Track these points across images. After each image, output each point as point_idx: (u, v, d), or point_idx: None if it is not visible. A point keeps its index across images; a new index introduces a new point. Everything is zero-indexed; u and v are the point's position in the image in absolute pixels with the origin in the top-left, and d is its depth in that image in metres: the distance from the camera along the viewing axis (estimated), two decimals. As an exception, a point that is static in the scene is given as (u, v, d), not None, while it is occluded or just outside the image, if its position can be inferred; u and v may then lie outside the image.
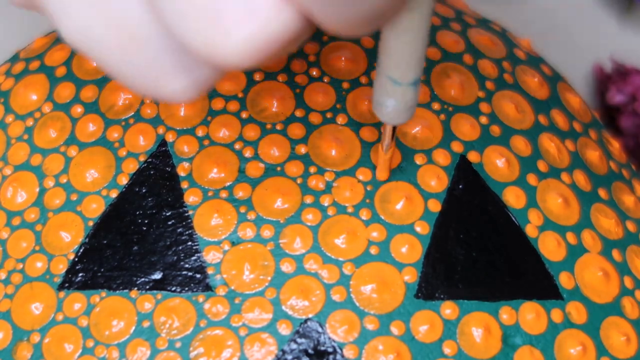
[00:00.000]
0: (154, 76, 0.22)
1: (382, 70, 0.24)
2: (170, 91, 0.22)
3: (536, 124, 0.32)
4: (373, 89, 0.25)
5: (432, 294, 0.28)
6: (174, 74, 0.22)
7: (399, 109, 0.25)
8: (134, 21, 0.21)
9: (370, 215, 0.29)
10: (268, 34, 0.20)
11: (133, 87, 0.22)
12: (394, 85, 0.24)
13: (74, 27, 0.22)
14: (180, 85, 0.22)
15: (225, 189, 0.29)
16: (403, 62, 0.24)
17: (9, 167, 0.31)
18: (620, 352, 0.29)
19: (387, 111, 0.25)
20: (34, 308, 0.29)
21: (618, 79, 0.46)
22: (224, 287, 0.28)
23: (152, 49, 0.22)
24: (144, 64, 0.22)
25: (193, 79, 0.22)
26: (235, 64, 0.21)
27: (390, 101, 0.25)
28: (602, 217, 0.31)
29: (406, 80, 0.24)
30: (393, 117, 0.26)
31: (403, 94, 0.25)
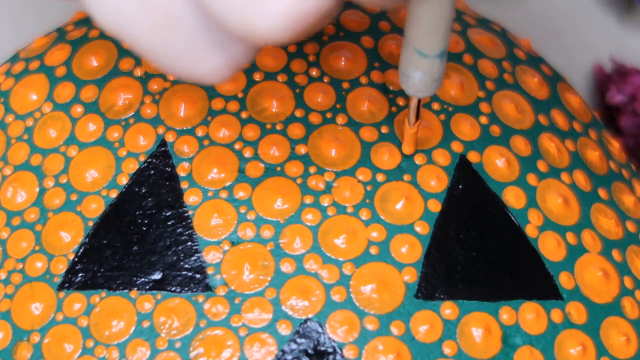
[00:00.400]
0: (189, 56, 0.22)
1: (408, 41, 0.24)
2: (205, 70, 0.22)
3: (536, 124, 0.32)
4: (399, 60, 0.25)
5: (432, 294, 0.28)
6: (209, 52, 0.22)
7: (426, 81, 0.25)
8: (167, 2, 0.21)
9: (370, 215, 0.29)
10: (304, 8, 0.20)
11: (168, 68, 0.22)
12: (420, 57, 0.25)
13: (106, 10, 0.22)
14: (216, 64, 0.22)
15: (225, 189, 0.29)
16: (429, 33, 0.24)
17: (9, 167, 0.31)
18: (620, 352, 0.29)
19: (413, 83, 0.25)
20: (34, 308, 0.29)
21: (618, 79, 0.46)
22: (224, 287, 0.28)
23: (186, 28, 0.21)
24: (179, 44, 0.22)
25: (228, 57, 0.22)
26: (272, 39, 0.21)
27: (417, 73, 0.25)
28: (602, 217, 0.31)
29: (433, 52, 0.24)
30: (420, 89, 0.26)
31: (430, 66, 0.25)
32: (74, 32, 0.33)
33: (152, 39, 0.22)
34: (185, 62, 0.22)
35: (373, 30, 0.32)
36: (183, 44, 0.22)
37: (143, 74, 0.31)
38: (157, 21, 0.21)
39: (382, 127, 0.30)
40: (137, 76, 0.31)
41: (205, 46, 0.22)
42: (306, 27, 0.21)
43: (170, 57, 0.22)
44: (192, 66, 0.22)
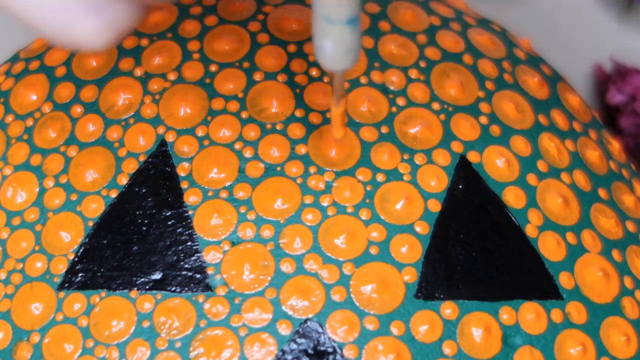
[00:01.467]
0: (65, 19, 0.22)
1: (315, 8, 0.23)
2: (83, 34, 0.22)
3: (536, 124, 0.32)
4: (312, 32, 0.24)
5: (432, 294, 0.28)
6: (84, 14, 0.22)
7: (339, 52, 0.24)
8: None
9: (370, 215, 0.29)
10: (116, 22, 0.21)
11: (47, 33, 0.22)
12: (328, 25, 0.23)
13: None
14: (93, 27, 0.22)
15: (225, 189, 0.29)
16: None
17: (9, 167, 0.31)
18: (620, 352, 0.29)
19: (326, 55, 0.24)
20: (34, 308, 0.29)
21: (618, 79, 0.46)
22: (224, 287, 0.28)
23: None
24: (54, 6, 0.22)
25: (105, 19, 0.22)
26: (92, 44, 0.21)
27: (328, 43, 0.24)
28: (602, 217, 0.31)
29: (340, 18, 0.23)
30: (334, 61, 0.24)
31: (339, 34, 0.24)
32: (74, 32, 0.33)
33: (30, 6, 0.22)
34: (63, 26, 0.22)
35: (373, 30, 0.32)
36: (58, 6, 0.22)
37: (143, 74, 0.31)
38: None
39: (382, 127, 0.30)
40: (137, 76, 0.31)
41: (81, 8, 0.22)
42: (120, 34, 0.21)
43: (48, 21, 0.22)
44: (69, 29, 0.22)
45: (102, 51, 0.23)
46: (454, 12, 0.35)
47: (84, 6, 0.22)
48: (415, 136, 0.30)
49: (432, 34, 0.33)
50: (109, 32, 0.22)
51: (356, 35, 0.24)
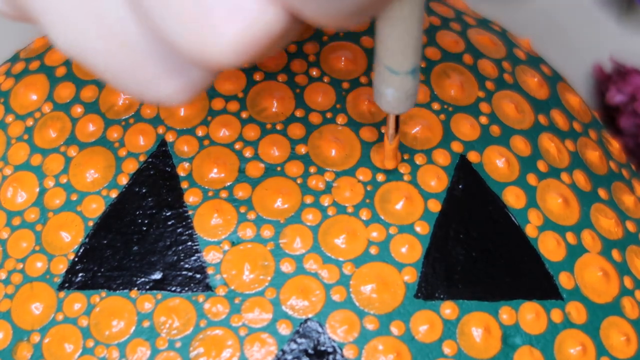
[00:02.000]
0: (146, 80, 0.22)
1: (379, 59, 0.24)
2: (164, 94, 0.23)
3: (536, 124, 0.32)
4: (373, 78, 0.25)
5: (432, 294, 0.28)
6: (166, 77, 0.22)
7: (400, 98, 0.25)
8: (123, 28, 0.21)
9: (370, 215, 0.29)
10: (255, 32, 0.20)
11: (127, 92, 0.23)
12: (391, 75, 0.24)
13: (65, 36, 0.22)
14: (174, 88, 0.22)
15: (225, 189, 0.29)
16: (399, 51, 0.24)
17: (9, 167, 0.31)
18: (620, 352, 0.30)
19: (387, 100, 0.25)
20: (34, 308, 0.29)
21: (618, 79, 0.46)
22: (224, 287, 0.28)
23: (142, 54, 0.22)
24: (136, 69, 0.22)
25: (186, 81, 0.22)
26: (225, 63, 0.21)
27: (390, 90, 0.25)
28: (602, 217, 0.31)
29: (404, 69, 0.24)
30: (394, 106, 0.25)
31: (401, 83, 0.25)
32: (74, 32, 0.33)
33: (110, 65, 0.22)
34: (144, 87, 0.23)
35: (373, 31, 0.32)
36: (140, 69, 0.22)
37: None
38: (113, 48, 0.22)
39: (382, 127, 0.30)
40: (137, 76, 0.31)
41: (161, 70, 0.22)
42: (259, 50, 0.21)
43: (128, 82, 0.22)
44: (150, 90, 0.22)
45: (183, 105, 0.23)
46: (454, 12, 0.35)
47: (166, 70, 0.22)
48: (415, 136, 0.30)
49: (432, 34, 0.33)
50: (188, 93, 0.23)
51: (417, 82, 0.25)
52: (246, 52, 0.21)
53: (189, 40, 0.21)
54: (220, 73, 0.30)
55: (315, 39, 0.31)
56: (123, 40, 0.22)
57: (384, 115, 0.30)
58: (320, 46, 0.31)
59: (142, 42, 0.22)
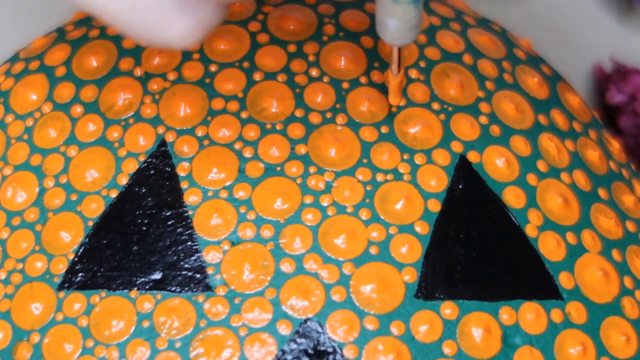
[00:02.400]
0: (158, 21, 0.22)
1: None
2: (176, 33, 0.22)
3: (536, 124, 0.32)
4: (375, 10, 0.25)
5: (432, 294, 0.28)
6: (177, 15, 0.22)
7: (402, 29, 0.25)
8: None
9: (370, 215, 0.29)
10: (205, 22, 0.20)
11: (139, 34, 0.22)
12: (394, 4, 0.24)
13: None
14: (185, 27, 0.22)
15: (225, 189, 0.29)
16: None
17: (9, 167, 0.31)
18: (620, 352, 0.29)
19: (390, 32, 0.25)
20: (34, 308, 0.29)
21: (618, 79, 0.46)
22: (224, 287, 0.28)
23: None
24: (148, 10, 0.22)
25: (197, 19, 0.22)
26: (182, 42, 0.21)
27: (392, 21, 0.25)
28: (602, 217, 0.31)
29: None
30: (397, 37, 0.25)
31: (404, 12, 0.24)
32: (74, 32, 0.33)
33: (121, 9, 0.22)
34: (155, 26, 0.22)
35: (373, 30, 0.32)
36: (152, 9, 0.22)
37: (143, 73, 0.31)
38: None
39: (382, 127, 0.30)
40: (137, 76, 0.31)
41: (171, 10, 0.22)
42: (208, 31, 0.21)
43: (141, 24, 0.22)
44: (162, 30, 0.22)
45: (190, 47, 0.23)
46: (454, 12, 0.35)
47: (177, 8, 0.22)
48: (415, 136, 0.30)
49: (432, 34, 0.33)
50: (200, 31, 0.22)
51: (419, 12, 0.25)
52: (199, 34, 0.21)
53: None
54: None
55: (315, 39, 0.31)
56: None
57: (384, 115, 0.30)
58: (320, 46, 0.31)
59: None
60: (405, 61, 0.31)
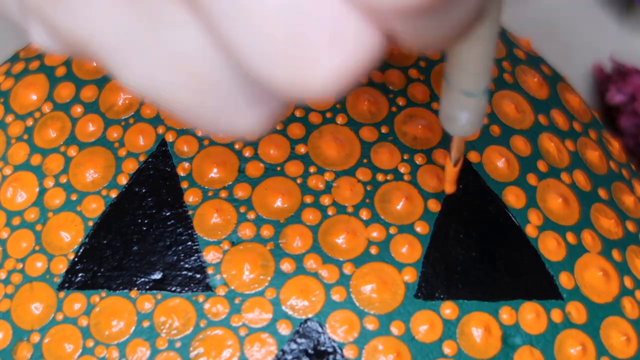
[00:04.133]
0: (226, 115, 0.21)
1: (453, 84, 0.24)
2: (243, 127, 0.21)
3: (536, 124, 0.32)
4: (441, 104, 0.24)
5: (432, 294, 0.28)
6: (247, 109, 0.21)
7: (473, 121, 0.24)
8: (202, 62, 0.20)
9: (370, 215, 0.29)
10: (357, 61, 0.19)
11: (204, 128, 0.21)
12: (467, 97, 0.24)
13: (136, 76, 0.20)
14: (254, 120, 0.21)
15: (225, 189, 0.29)
16: (476, 72, 0.23)
17: (9, 167, 0.31)
18: (620, 352, 0.29)
19: (461, 124, 0.25)
20: (34, 308, 0.29)
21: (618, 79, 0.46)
22: (224, 287, 0.28)
23: (224, 89, 0.20)
24: (216, 105, 0.20)
25: (266, 112, 0.21)
26: (323, 95, 0.19)
27: (465, 114, 0.24)
28: (602, 217, 0.31)
29: (479, 90, 0.24)
30: (467, 129, 0.25)
31: (476, 105, 0.24)
32: (74, 32, 0.33)
33: (188, 103, 0.20)
34: (224, 121, 0.21)
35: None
36: (220, 105, 0.20)
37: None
38: (192, 85, 0.20)
39: (382, 127, 0.30)
40: (137, 76, 0.31)
41: (242, 104, 0.20)
42: (357, 79, 0.19)
43: (207, 118, 0.21)
44: (229, 124, 0.21)
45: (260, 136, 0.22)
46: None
47: (246, 103, 0.20)
48: (415, 136, 0.30)
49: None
50: (267, 123, 0.21)
51: (487, 101, 0.24)
52: (344, 83, 0.19)
53: (283, 74, 0.19)
54: None
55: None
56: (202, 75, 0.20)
57: (384, 115, 0.30)
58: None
59: (224, 76, 0.20)
60: (405, 61, 0.31)
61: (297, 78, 0.19)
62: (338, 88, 0.19)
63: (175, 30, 0.19)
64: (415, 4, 0.17)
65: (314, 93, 0.19)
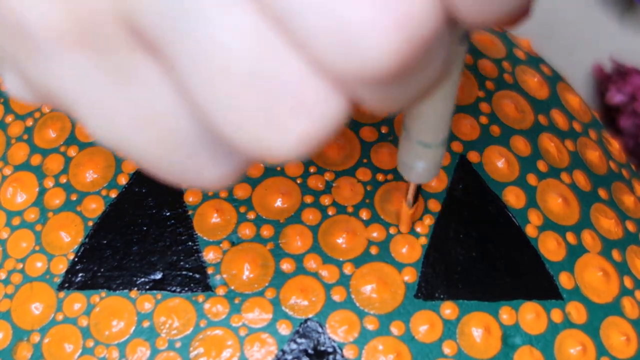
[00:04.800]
0: (193, 170, 0.21)
1: (412, 136, 0.24)
2: (210, 181, 0.21)
3: (536, 124, 0.32)
4: (399, 152, 0.25)
5: (432, 294, 0.28)
6: (213, 165, 0.21)
7: (429, 169, 0.25)
8: (171, 121, 0.20)
9: (370, 215, 0.29)
10: (323, 127, 0.19)
11: (171, 180, 0.21)
12: (424, 149, 0.24)
13: (106, 132, 0.20)
14: (220, 174, 0.21)
15: (225, 189, 0.29)
16: (435, 125, 0.24)
17: (9, 167, 0.31)
18: (620, 352, 0.29)
19: (417, 172, 0.25)
20: (34, 308, 0.29)
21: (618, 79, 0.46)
22: (224, 287, 0.28)
23: (192, 146, 0.20)
24: (184, 160, 0.21)
25: (232, 166, 0.21)
26: (287, 159, 0.19)
27: (421, 163, 0.25)
28: (602, 217, 0.31)
29: (437, 142, 0.24)
30: (423, 176, 0.25)
31: (434, 155, 0.25)
32: (74, 32, 0.33)
33: (153, 156, 0.21)
34: (189, 175, 0.21)
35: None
36: (186, 159, 0.21)
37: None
38: (158, 140, 0.20)
39: (382, 127, 0.30)
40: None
41: (209, 160, 0.21)
42: (322, 143, 0.19)
43: (174, 172, 0.21)
44: (196, 178, 0.21)
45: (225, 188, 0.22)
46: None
47: (214, 157, 0.21)
48: (415, 136, 0.30)
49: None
50: (232, 176, 0.21)
51: (444, 151, 0.25)
52: (310, 146, 0.19)
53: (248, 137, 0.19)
54: None
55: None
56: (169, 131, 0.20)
57: (384, 115, 0.30)
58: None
59: (192, 134, 0.20)
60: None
61: (263, 143, 0.19)
62: (304, 152, 0.19)
63: (146, 89, 0.19)
64: (380, 73, 0.18)
65: (280, 157, 0.19)
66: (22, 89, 0.21)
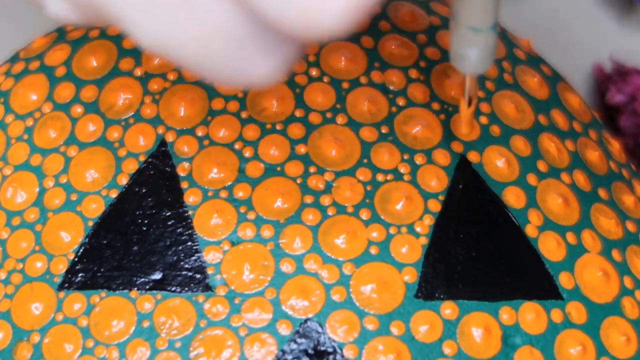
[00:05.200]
0: (241, 65, 0.21)
1: (460, 21, 0.24)
2: (258, 75, 0.21)
3: (536, 124, 0.32)
4: (450, 42, 0.25)
5: (432, 294, 0.28)
6: (261, 58, 0.21)
7: (483, 57, 0.25)
8: (215, 15, 0.20)
9: (370, 215, 0.29)
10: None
11: (218, 79, 0.21)
12: (475, 34, 0.24)
13: (152, 34, 0.21)
14: (269, 68, 0.21)
15: (225, 189, 0.29)
16: (482, 8, 0.23)
17: (9, 167, 0.31)
18: (620, 352, 0.29)
19: (470, 62, 0.25)
20: (34, 308, 0.29)
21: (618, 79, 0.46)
22: (224, 287, 0.28)
23: (237, 39, 0.21)
24: (231, 56, 0.21)
25: (280, 58, 0.21)
26: (333, 33, 0.20)
27: (474, 51, 0.25)
28: (602, 217, 0.31)
29: (486, 26, 0.24)
30: (477, 66, 0.25)
31: (485, 41, 0.24)
32: (74, 32, 0.33)
33: (203, 56, 0.21)
34: (239, 72, 0.21)
35: (373, 30, 0.32)
36: (235, 55, 0.21)
37: (143, 73, 0.31)
38: (206, 38, 0.21)
39: (382, 127, 0.30)
40: (137, 76, 0.31)
41: (258, 53, 0.21)
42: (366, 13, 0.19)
43: (222, 68, 0.21)
44: (245, 74, 0.21)
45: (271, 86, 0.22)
46: None
47: (260, 50, 0.21)
48: (415, 136, 0.30)
49: (432, 33, 0.33)
50: (281, 70, 0.21)
51: (496, 37, 0.25)
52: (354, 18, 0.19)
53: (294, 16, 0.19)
54: None
55: (315, 39, 0.31)
56: (215, 27, 0.20)
57: (384, 115, 0.30)
58: (320, 46, 0.31)
59: (237, 26, 0.20)
60: (405, 61, 0.31)
61: (307, 18, 0.19)
62: (349, 23, 0.19)
63: None
64: None
65: (327, 30, 0.19)
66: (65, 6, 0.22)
